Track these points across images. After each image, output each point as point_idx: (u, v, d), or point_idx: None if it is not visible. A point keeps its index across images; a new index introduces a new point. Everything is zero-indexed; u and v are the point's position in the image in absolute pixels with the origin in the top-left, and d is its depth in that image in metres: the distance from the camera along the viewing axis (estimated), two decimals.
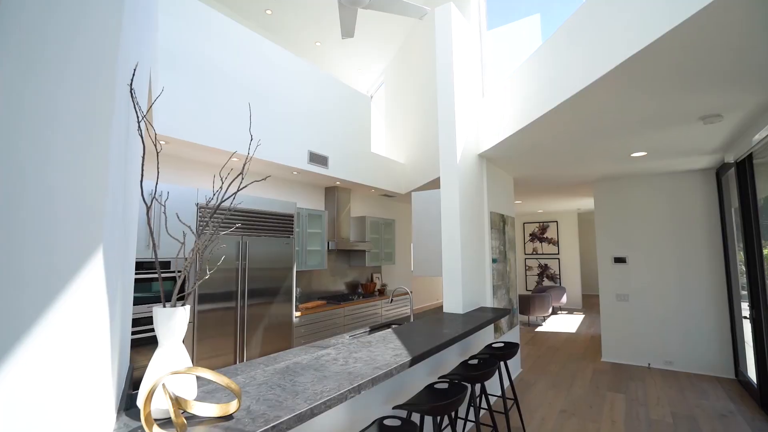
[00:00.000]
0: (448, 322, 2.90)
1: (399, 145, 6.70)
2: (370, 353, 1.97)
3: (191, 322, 3.20)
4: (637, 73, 2.12)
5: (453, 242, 3.30)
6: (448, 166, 3.40)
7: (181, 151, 3.59)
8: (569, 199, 7.62)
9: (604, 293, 5.20)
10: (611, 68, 2.09)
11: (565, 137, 3.34)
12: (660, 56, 1.92)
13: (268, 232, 3.90)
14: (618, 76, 2.16)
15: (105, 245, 0.93)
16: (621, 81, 2.23)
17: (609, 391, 4.02)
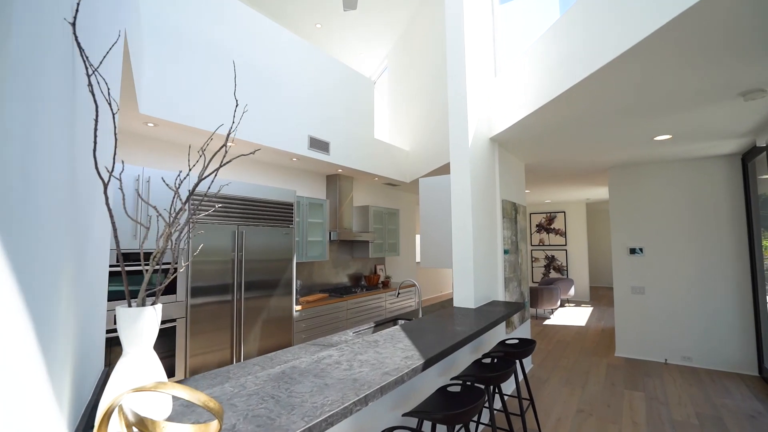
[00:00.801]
0: (459, 317, 2.68)
1: (403, 132, 6.44)
2: (378, 355, 1.75)
3: (183, 317, 2.99)
4: (682, 38, 1.86)
5: (464, 232, 3.06)
6: (459, 150, 3.15)
7: (171, 134, 3.35)
8: (579, 188, 7.36)
9: (619, 286, 4.97)
10: (651, 32, 1.83)
11: (584, 119, 3.08)
12: (715, 12, 1.66)
13: (266, 222, 3.67)
14: (657, 42, 1.90)
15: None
16: (660, 49, 1.97)
17: (626, 388, 3.81)
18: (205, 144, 1.35)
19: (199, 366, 3.08)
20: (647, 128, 3.33)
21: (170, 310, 2.91)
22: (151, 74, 2.87)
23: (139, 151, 3.41)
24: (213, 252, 3.22)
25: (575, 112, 2.95)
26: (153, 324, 1.05)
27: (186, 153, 3.73)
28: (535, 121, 3.17)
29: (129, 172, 2.71)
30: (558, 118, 3.08)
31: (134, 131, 3.25)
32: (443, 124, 5.14)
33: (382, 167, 5.46)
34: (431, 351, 1.82)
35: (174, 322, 2.93)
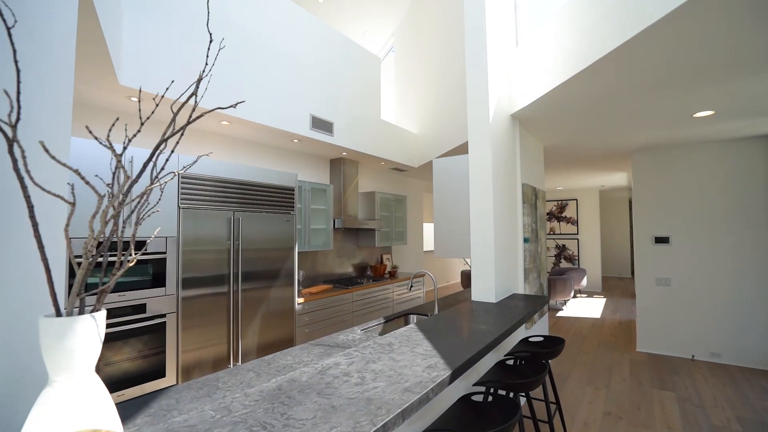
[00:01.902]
0: (481, 314, 2.38)
1: (410, 115, 6.08)
2: (394, 363, 1.46)
3: (175, 312, 2.72)
4: None
5: (484, 218, 2.75)
6: (478, 127, 2.82)
7: (160, 112, 3.04)
8: (595, 175, 7.00)
9: (642, 276, 4.66)
10: None
11: (618, 93, 2.74)
12: None
13: (265, 208, 3.37)
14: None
15: None
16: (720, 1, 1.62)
17: (655, 388, 3.53)
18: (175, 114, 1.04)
19: (193, 362, 2.82)
20: (688, 103, 2.97)
21: (159, 304, 2.63)
22: (133, 44, 2.54)
23: (122, 130, 3.10)
24: (206, 240, 2.93)
25: (609, 85, 2.60)
26: (91, 340, 0.75)
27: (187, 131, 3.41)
28: (562, 96, 2.83)
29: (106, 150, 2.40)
30: (588, 92, 2.73)
31: (118, 108, 2.94)
32: (454, 104, 4.80)
33: (389, 151, 5.13)
34: (457, 358, 1.53)
35: (164, 318, 2.65)
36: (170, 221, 2.71)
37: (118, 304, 2.43)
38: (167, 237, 2.69)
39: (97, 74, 2.39)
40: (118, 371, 2.43)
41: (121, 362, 2.44)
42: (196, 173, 2.87)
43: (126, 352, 2.46)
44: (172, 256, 2.71)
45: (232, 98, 3.18)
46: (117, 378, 2.42)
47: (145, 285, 2.57)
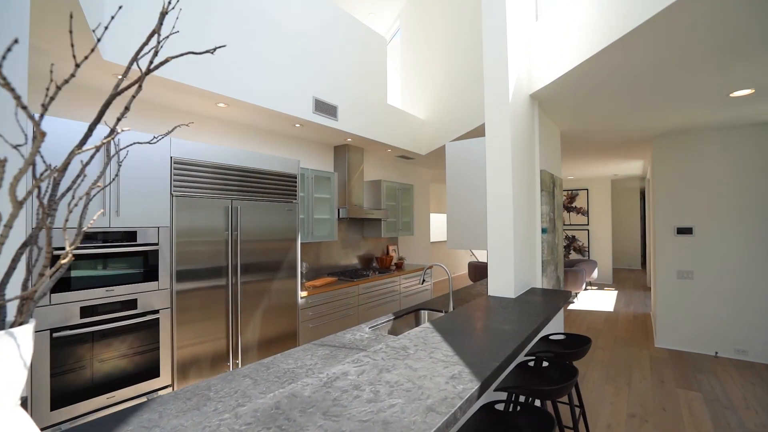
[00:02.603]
0: (501, 311, 2.18)
1: (417, 101, 5.81)
2: (412, 372, 1.25)
3: (169, 308, 2.53)
4: None
5: (502, 206, 2.53)
6: (497, 107, 2.58)
7: (151, 93, 2.81)
8: (610, 162, 6.73)
9: (662, 269, 4.43)
10: None
11: (648, 69, 2.48)
12: None
13: (265, 196, 3.16)
14: None
15: None
16: None
17: (679, 387, 3.33)
18: (122, 80, 0.83)
19: (189, 359, 2.64)
20: (726, 81, 2.71)
21: (151, 299, 2.44)
22: (117, 16, 2.31)
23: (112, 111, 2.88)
24: (202, 231, 2.73)
25: (640, 60, 2.34)
26: (9, 366, 0.54)
27: (166, 114, 3.19)
28: (587, 73, 2.58)
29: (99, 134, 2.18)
30: (617, 68, 2.48)
31: (106, 87, 2.71)
32: (465, 87, 4.54)
33: (395, 137, 4.89)
34: (484, 365, 1.32)
35: (156, 314, 2.47)
36: (162, 210, 2.50)
37: (106, 299, 2.24)
38: (159, 227, 2.49)
39: (78, 49, 2.16)
40: (109, 371, 2.25)
41: (111, 362, 2.26)
42: (190, 158, 2.66)
43: (116, 352, 2.28)
44: (164, 247, 2.51)
45: (230, 78, 2.95)
46: (107, 379, 2.24)
47: (136, 279, 2.38)
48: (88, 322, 2.16)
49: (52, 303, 2.03)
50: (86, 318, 2.16)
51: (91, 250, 2.17)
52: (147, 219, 2.43)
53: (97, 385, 2.20)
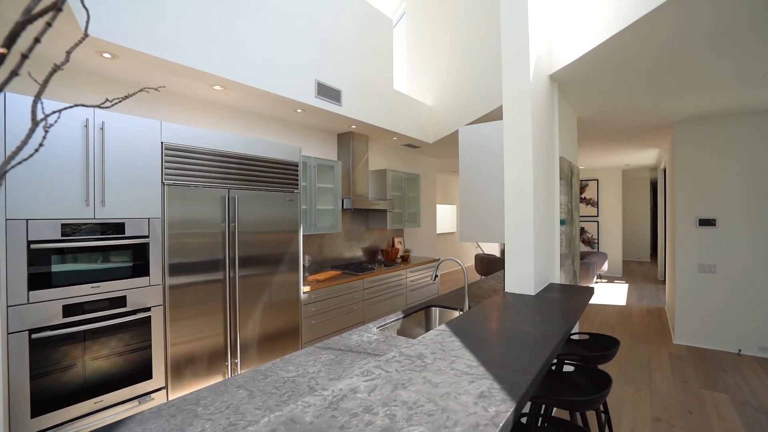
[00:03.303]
0: (521, 310, 1.98)
1: (423, 87, 5.56)
2: (432, 389, 1.06)
3: (161, 305, 2.35)
4: None
5: (522, 195, 2.32)
6: (517, 86, 2.36)
7: (139, 74, 2.60)
8: (624, 152, 6.47)
9: (682, 262, 4.22)
10: None
11: (681, 45, 2.25)
12: None
13: (265, 185, 2.97)
14: None
15: None
16: None
17: (704, 388, 3.14)
18: None
19: (184, 358, 2.47)
20: (764, 58, 2.47)
21: (142, 296, 2.26)
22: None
23: (92, 86, 2.68)
24: (197, 222, 2.54)
25: (674, 35, 2.11)
26: None
27: (156, 96, 2.99)
28: (613, 50, 2.36)
29: (67, 113, 1.98)
30: (647, 44, 2.24)
31: (89, 66, 2.51)
32: (475, 73, 4.31)
33: (402, 124, 4.67)
34: (514, 378, 1.13)
35: (148, 312, 2.29)
36: (152, 200, 2.31)
37: (92, 296, 2.06)
38: (149, 218, 2.30)
39: (56, 22, 1.95)
40: (96, 374, 2.08)
41: (98, 364, 2.09)
42: (183, 144, 2.46)
43: (104, 353, 2.11)
44: (155, 240, 2.33)
45: (226, 59, 2.74)
46: (95, 382, 2.07)
47: (125, 274, 2.20)
48: (71, 321, 1.99)
49: (31, 301, 1.85)
50: (70, 317, 1.98)
51: (73, 243, 1.98)
52: (136, 210, 2.24)
53: (83, 389, 2.03)
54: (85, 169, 2.03)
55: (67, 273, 1.99)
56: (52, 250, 1.93)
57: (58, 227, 1.94)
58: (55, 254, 1.94)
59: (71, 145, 1.98)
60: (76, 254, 2.01)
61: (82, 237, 2.03)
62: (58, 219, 1.95)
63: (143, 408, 2.25)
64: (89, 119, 2.04)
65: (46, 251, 1.90)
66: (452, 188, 9.94)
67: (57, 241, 1.94)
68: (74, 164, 1.99)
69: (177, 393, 2.43)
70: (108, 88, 2.70)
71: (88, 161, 2.03)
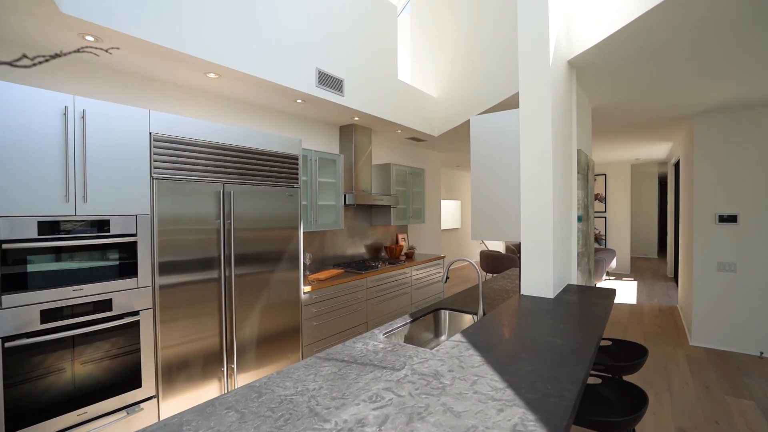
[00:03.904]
0: (542, 316, 1.81)
1: (428, 78, 5.36)
2: (454, 420, 0.89)
3: (151, 308, 2.19)
4: None
5: (540, 190, 2.14)
6: (535, 71, 2.17)
7: (127, 60, 2.41)
8: (635, 145, 6.27)
9: (700, 260, 4.03)
10: None
11: (715, 25, 2.05)
12: None
13: (263, 179, 2.79)
14: None
15: None
16: None
17: (728, 395, 2.97)
18: None
19: (177, 363, 2.32)
20: None
21: (130, 299, 2.10)
22: None
23: (70, 74, 2.50)
24: (189, 219, 2.37)
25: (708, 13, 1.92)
26: None
27: (144, 85, 2.80)
28: (638, 33, 2.16)
29: (44, 99, 1.80)
30: (677, 25, 2.05)
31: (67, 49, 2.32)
32: (484, 63, 4.11)
33: (407, 116, 4.47)
34: (548, 405, 0.95)
35: (136, 316, 2.13)
36: (140, 196, 2.14)
37: (74, 300, 1.90)
38: (137, 215, 2.13)
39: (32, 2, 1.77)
40: (80, 384, 1.92)
41: (82, 373, 1.93)
42: (174, 135, 2.28)
43: (88, 361, 1.95)
44: (144, 238, 2.16)
45: (222, 44, 2.55)
46: (78, 392, 1.91)
47: (111, 275, 2.03)
48: (50, 328, 1.82)
49: (4, 306, 1.69)
50: (48, 323, 1.82)
51: (51, 243, 1.81)
52: (122, 206, 2.07)
53: (65, 400, 1.87)
54: (64, 162, 1.85)
55: (46, 275, 1.82)
56: (28, 250, 1.76)
57: (35, 225, 1.77)
58: (31, 254, 1.77)
59: (48, 134, 1.81)
60: (55, 254, 1.84)
61: (62, 236, 1.86)
62: (34, 216, 1.78)
63: (132, 418, 2.10)
64: (68, 107, 1.86)
65: (20, 251, 1.74)
66: (456, 183, 9.74)
67: (33, 240, 1.77)
68: (52, 156, 1.82)
69: (169, 402, 2.28)
70: (92, 75, 2.52)
71: (67, 153, 1.86)
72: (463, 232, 10.03)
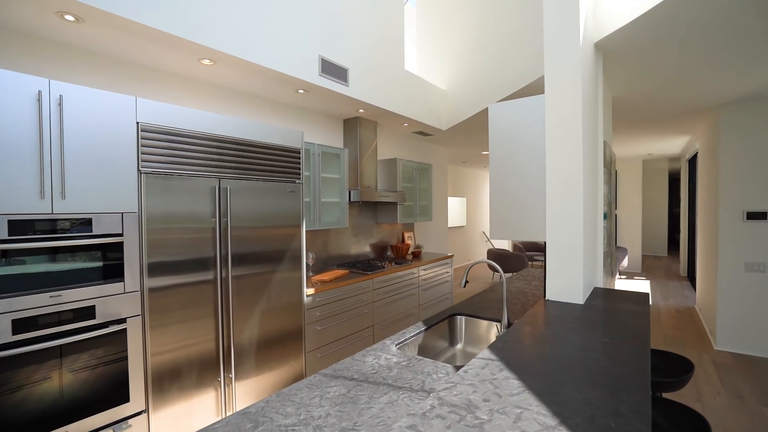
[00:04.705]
0: (575, 326, 1.60)
1: (435, 70, 5.13)
2: None
3: (139, 315, 1.99)
4: None
5: (569, 185, 1.93)
6: (564, 52, 1.95)
7: (113, 44, 2.21)
8: (649, 139, 6.03)
9: (726, 260, 3.81)
10: None
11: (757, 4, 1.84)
12: None
13: (262, 174, 2.59)
14: None
15: None
16: None
17: (764, 405, 2.76)
18: None
19: (169, 373, 2.12)
20: None
21: (115, 305, 1.90)
22: None
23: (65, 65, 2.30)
24: (181, 217, 2.17)
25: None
26: None
27: (131, 71, 2.60)
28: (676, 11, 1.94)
29: (14, 83, 1.60)
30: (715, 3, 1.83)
31: (50, 34, 2.12)
32: (496, 52, 3.89)
33: (414, 109, 4.26)
34: None
35: (123, 324, 1.93)
36: (126, 192, 1.94)
37: (51, 308, 1.70)
38: (123, 213, 1.93)
39: None
40: (60, 399, 1.73)
41: (62, 387, 1.73)
42: (164, 125, 2.08)
43: (68, 374, 1.76)
44: (131, 239, 1.96)
45: (218, 27, 2.34)
46: (57, 410, 1.72)
47: (94, 279, 1.84)
48: (23, 339, 1.63)
49: None
50: (21, 334, 1.62)
51: (24, 244, 1.62)
52: (106, 203, 1.87)
53: (43, 418, 1.68)
54: (38, 154, 1.65)
55: (19, 280, 1.62)
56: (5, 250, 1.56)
57: (5, 224, 1.58)
58: (1, 257, 1.58)
59: (19, 122, 1.61)
60: (29, 257, 1.65)
61: (37, 236, 1.66)
62: (4, 214, 1.58)
63: None
64: (43, 91, 1.66)
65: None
66: (462, 180, 9.52)
67: (3, 241, 1.57)
68: (24, 147, 1.62)
69: (160, 416, 2.08)
70: (73, 59, 2.32)
71: (42, 143, 1.66)
72: (469, 230, 9.81)
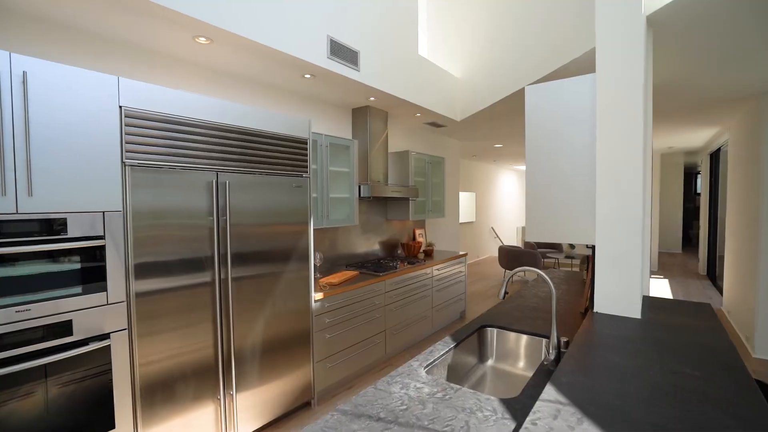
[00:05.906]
0: (645, 350, 1.32)
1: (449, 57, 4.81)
2: None
3: (125, 329, 1.73)
4: None
5: (625, 177, 1.65)
6: (623, 20, 1.66)
7: (97, 20, 1.92)
8: (672, 131, 5.70)
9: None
10: None
11: None
12: None
13: (265, 167, 2.31)
14: None
15: None
16: None
17: None
18: None
19: (160, 390, 1.88)
20: None
21: (97, 319, 1.64)
22: None
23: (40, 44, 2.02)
24: (173, 215, 1.90)
25: None
26: None
27: (134, 53, 2.31)
28: None
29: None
30: None
31: (23, 7, 1.84)
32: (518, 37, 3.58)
33: (428, 98, 3.96)
34: None
35: (106, 340, 1.67)
36: (108, 188, 1.67)
37: (16, 324, 1.44)
38: (105, 212, 1.66)
39: None
40: (33, 428, 1.47)
41: (34, 414, 1.48)
42: (152, 111, 1.80)
43: (41, 399, 1.50)
44: (115, 242, 1.69)
45: (213, 1, 2.05)
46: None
47: (70, 290, 1.57)
48: None
49: None
50: None
51: None
52: (84, 201, 1.60)
53: None
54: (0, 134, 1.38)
55: None
56: None
57: None
58: None
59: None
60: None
61: (11, 239, 1.40)
62: None
63: None
64: (2, 69, 1.38)
65: None
66: (473, 174, 9.21)
67: None
68: None
69: None
70: (44, 34, 2.04)
71: (3, 131, 1.39)
72: (479, 226, 9.52)
